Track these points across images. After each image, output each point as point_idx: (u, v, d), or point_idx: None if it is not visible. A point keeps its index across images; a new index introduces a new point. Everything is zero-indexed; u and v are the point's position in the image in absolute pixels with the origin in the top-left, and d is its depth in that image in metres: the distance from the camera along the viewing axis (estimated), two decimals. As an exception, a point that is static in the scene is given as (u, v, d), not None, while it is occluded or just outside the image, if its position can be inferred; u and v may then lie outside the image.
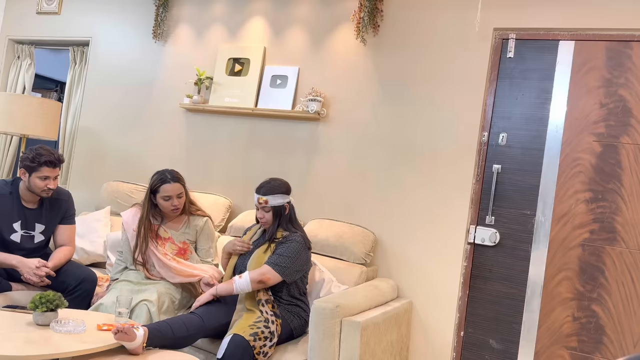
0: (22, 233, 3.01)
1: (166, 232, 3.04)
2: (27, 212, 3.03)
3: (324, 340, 2.55)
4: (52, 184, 2.97)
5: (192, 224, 3.09)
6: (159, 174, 2.99)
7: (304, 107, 3.56)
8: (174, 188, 2.96)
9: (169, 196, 2.95)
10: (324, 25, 3.67)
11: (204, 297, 2.74)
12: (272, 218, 2.84)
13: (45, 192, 2.97)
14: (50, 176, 2.95)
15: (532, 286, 3.04)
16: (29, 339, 2.16)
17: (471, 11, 3.26)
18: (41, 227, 3.08)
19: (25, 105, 4.05)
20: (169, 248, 3.00)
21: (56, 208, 3.13)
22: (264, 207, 2.83)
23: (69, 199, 3.21)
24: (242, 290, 2.69)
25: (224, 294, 2.73)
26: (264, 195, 2.82)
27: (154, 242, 2.99)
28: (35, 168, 2.92)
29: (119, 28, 4.41)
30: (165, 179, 2.95)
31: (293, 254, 2.74)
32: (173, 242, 3.02)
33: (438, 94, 3.30)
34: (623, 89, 2.93)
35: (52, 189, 2.97)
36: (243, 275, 2.69)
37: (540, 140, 3.08)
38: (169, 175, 2.97)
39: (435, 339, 3.20)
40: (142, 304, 2.74)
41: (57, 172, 2.99)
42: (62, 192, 3.18)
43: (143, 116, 4.23)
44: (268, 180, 2.88)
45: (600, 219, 2.93)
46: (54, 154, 2.96)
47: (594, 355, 2.90)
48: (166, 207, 2.97)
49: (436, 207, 3.25)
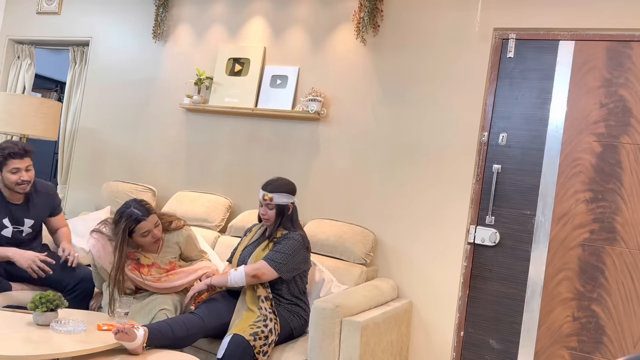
0: (12, 228, 3.01)
1: (147, 258, 2.80)
2: (14, 208, 3.01)
3: (324, 340, 2.55)
4: (26, 176, 2.92)
5: (172, 241, 2.86)
6: (128, 213, 2.67)
7: (304, 107, 3.56)
8: (150, 222, 2.70)
9: (147, 231, 2.70)
10: (324, 25, 3.67)
11: (199, 285, 2.75)
12: (275, 216, 2.86)
13: (21, 186, 2.93)
14: (21, 167, 2.91)
15: (532, 286, 3.04)
16: (29, 339, 2.16)
17: (471, 11, 3.26)
18: (30, 222, 3.07)
19: (25, 105, 4.05)
20: (155, 273, 2.79)
21: (44, 203, 3.13)
22: (268, 204, 2.85)
23: (55, 192, 3.21)
24: (236, 283, 2.70)
25: (218, 285, 2.75)
26: (270, 193, 2.84)
27: (138, 274, 2.75)
28: (2, 162, 2.89)
29: (119, 28, 4.41)
30: (138, 217, 2.66)
31: (290, 251, 2.75)
32: (159, 267, 2.81)
33: (438, 94, 3.30)
34: (623, 89, 2.93)
35: (26, 181, 2.93)
36: (239, 269, 2.70)
37: (540, 140, 3.08)
38: (139, 211, 2.68)
39: (435, 339, 3.20)
40: (162, 312, 2.71)
41: (27, 162, 2.94)
42: (48, 186, 3.18)
43: (143, 116, 4.23)
44: (275, 178, 2.90)
45: (600, 219, 2.93)
46: (17, 145, 2.92)
47: (594, 355, 2.90)
48: (146, 242, 2.73)
49: (436, 207, 3.25)
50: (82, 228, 3.67)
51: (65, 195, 4.47)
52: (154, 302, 2.76)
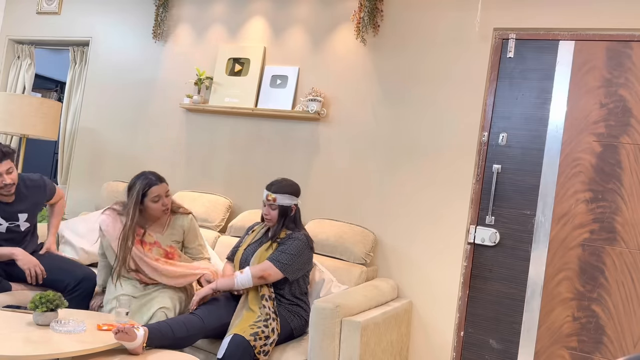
0: (7, 225, 3.00)
1: (151, 236, 2.91)
2: (6, 207, 2.99)
3: (324, 340, 2.55)
4: (8, 179, 2.86)
5: (177, 224, 2.99)
6: (143, 178, 2.86)
7: (304, 107, 3.56)
8: (162, 188, 2.87)
9: (158, 196, 2.85)
10: (324, 25, 3.67)
11: (204, 290, 2.73)
12: (277, 217, 2.86)
13: (4, 189, 2.88)
14: (1, 171, 2.84)
15: (532, 286, 3.04)
16: (29, 339, 2.16)
17: (471, 11, 3.26)
18: (24, 216, 3.05)
19: (25, 105, 4.05)
20: (155, 253, 2.88)
21: (37, 194, 3.11)
22: (271, 204, 2.85)
23: (43, 182, 3.16)
24: (243, 285, 2.70)
25: (225, 289, 2.73)
26: (273, 193, 2.84)
27: (141, 248, 2.86)
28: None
29: (119, 28, 4.41)
30: (151, 181, 2.85)
31: (295, 251, 2.75)
32: (160, 247, 2.91)
33: (438, 94, 3.30)
34: (623, 89, 2.93)
35: (9, 184, 2.88)
36: (244, 271, 2.70)
37: (540, 140, 3.08)
38: (152, 176, 2.87)
39: (435, 339, 3.20)
40: (160, 311, 2.72)
41: (8, 164, 2.87)
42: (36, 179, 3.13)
43: (143, 116, 4.23)
44: (280, 179, 2.91)
45: (600, 219, 2.93)
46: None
47: (594, 355, 2.90)
48: (156, 208, 2.86)
49: (436, 207, 3.25)
50: (82, 228, 3.67)
51: (65, 196, 4.47)
52: (153, 300, 2.77)
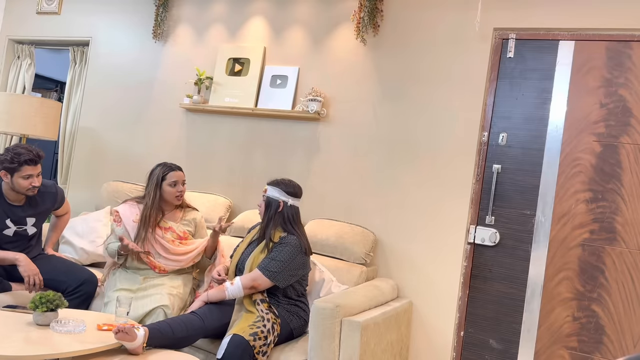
0: (15, 229, 3.01)
1: (166, 222, 3.13)
2: (16, 210, 3.01)
3: (324, 340, 2.55)
4: (37, 182, 2.93)
5: (189, 216, 3.23)
6: (162, 165, 3.14)
7: (304, 107, 3.56)
8: (179, 174, 3.14)
9: (175, 182, 3.10)
10: (324, 25, 3.67)
11: (196, 304, 2.75)
12: (264, 209, 2.89)
13: (31, 190, 2.94)
14: (33, 174, 2.91)
15: (532, 286, 3.04)
16: (29, 339, 2.16)
17: (471, 11, 3.26)
18: (32, 220, 3.08)
19: (25, 105, 4.05)
20: (170, 236, 3.10)
21: (47, 202, 3.13)
22: (263, 195, 2.94)
23: (56, 189, 3.19)
24: (235, 296, 2.73)
25: (216, 300, 2.75)
26: (267, 185, 2.94)
27: (156, 230, 3.08)
28: (16, 168, 2.87)
29: (119, 28, 4.41)
30: (171, 166, 3.13)
31: (285, 258, 2.74)
32: (174, 231, 3.12)
33: (438, 94, 3.30)
34: (623, 89, 2.93)
35: (37, 187, 2.94)
36: (235, 281, 2.72)
37: (540, 140, 3.08)
38: (171, 164, 3.14)
39: (435, 339, 3.20)
40: (159, 309, 2.77)
41: (39, 169, 2.95)
42: (49, 184, 3.17)
43: (143, 116, 4.23)
44: (286, 179, 2.95)
45: (600, 219, 2.93)
46: (32, 152, 2.92)
47: (594, 355, 2.90)
48: (172, 193, 3.09)
49: (436, 207, 3.25)
50: (82, 228, 3.67)
51: (66, 196, 4.47)
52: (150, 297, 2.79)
